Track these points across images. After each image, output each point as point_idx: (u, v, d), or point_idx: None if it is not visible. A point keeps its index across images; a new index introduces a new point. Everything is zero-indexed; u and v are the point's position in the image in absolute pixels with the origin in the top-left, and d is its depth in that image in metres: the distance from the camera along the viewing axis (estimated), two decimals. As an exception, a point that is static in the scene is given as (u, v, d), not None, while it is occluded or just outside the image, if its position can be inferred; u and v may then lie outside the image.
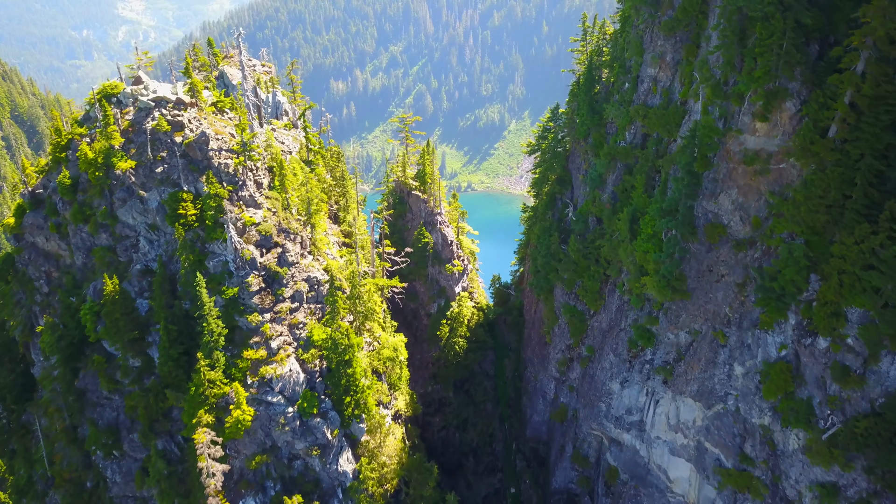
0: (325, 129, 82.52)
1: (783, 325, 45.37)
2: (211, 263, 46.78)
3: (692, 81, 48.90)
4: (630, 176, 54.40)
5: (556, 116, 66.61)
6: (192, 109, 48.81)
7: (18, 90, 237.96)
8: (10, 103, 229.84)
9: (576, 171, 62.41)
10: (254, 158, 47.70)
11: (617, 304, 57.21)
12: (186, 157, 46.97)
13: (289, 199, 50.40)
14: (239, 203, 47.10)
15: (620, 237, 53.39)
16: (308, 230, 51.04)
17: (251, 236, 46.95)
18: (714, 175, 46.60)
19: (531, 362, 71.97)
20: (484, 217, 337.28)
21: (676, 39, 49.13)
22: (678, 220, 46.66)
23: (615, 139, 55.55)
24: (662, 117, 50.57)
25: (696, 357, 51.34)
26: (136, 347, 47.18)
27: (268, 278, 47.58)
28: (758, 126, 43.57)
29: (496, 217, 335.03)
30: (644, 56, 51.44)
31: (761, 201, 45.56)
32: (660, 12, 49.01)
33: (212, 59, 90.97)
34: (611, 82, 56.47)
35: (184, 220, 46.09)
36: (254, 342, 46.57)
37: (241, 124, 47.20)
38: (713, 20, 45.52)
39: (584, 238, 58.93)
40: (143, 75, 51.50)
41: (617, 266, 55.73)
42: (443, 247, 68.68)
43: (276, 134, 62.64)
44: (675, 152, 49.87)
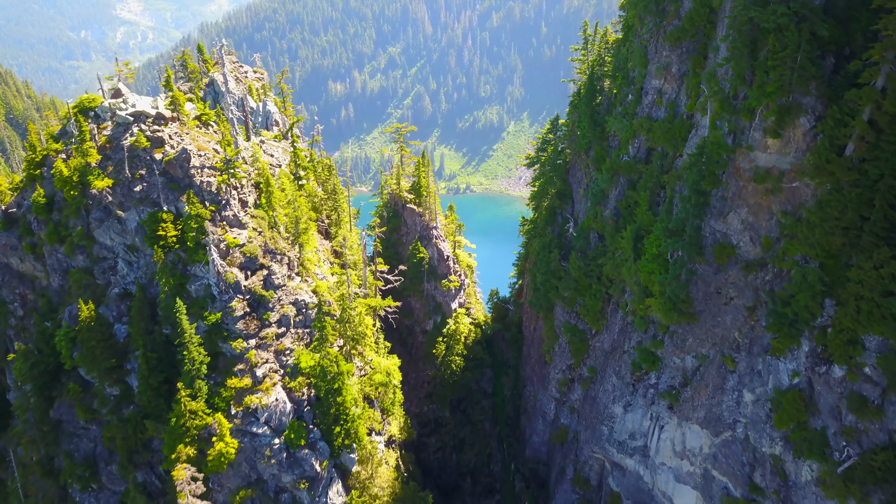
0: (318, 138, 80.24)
1: (796, 352, 43.08)
2: (193, 287, 44.39)
3: (699, 94, 46.55)
4: (633, 192, 52.04)
5: (556, 128, 64.17)
6: (173, 124, 46.40)
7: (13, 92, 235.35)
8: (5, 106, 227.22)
9: (576, 184, 60.02)
10: (238, 176, 45.27)
11: (620, 324, 54.84)
12: (167, 175, 44.59)
13: (276, 218, 48.00)
14: (222, 223, 44.70)
15: (623, 256, 51.04)
16: (296, 250, 48.64)
17: (235, 258, 44.55)
18: (722, 193, 44.26)
19: (530, 381, 69.60)
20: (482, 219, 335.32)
21: (682, 50, 46.78)
22: (685, 240, 44.31)
23: (618, 153, 53.20)
24: (668, 131, 48.22)
25: (703, 382, 49.00)
26: (114, 376, 44.79)
27: (253, 302, 45.19)
28: (769, 142, 41.27)
29: (495, 219, 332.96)
30: (648, 67, 49.09)
31: (772, 221, 43.26)
32: (665, 22, 46.65)
33: (202, 65, 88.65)
34: (613, 93, 54.10)
35: (163, 242, 43.70)
36: (238, 370, 44.15)
37: (223, 141, 44.78)
38: (722, 31, 43.19)
39: (586, 255, 56.57)
40: (124, 87, 49.09)
41: (620, 286, 53.38)
42: (438, 262, 66.31)
43: (266, 146, 60.27)
44: (681, 169, 47.54)
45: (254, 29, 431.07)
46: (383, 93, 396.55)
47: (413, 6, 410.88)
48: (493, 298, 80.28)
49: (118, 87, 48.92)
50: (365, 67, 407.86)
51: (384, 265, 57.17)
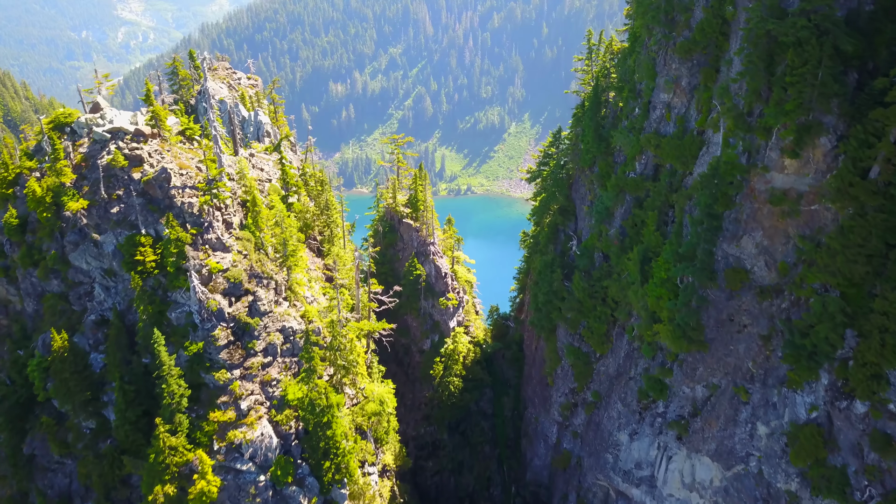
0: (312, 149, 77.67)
1: (814, 385, 40.48)
2: (173, 314, 41.84)
3: (710, 109, 43.89)
4: (640, 210, 49.37)
5: (558, 140, 61.41)
6: (153, 141, 43.82)
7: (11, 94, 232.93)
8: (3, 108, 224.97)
9: (580, 200, 57.30)
10: (221, 197, 42.68)
11: (626, 349, 52.20)
12: (145, 195, 42.02)
13: (263, 239, 45.43)
14: (204, 247, 42.12)
15: (630, 279, 48.39)
16: (284, 272, 46.05)
17: (218, 284, 41.96)
18: (736, 215, 41.60)
19: (531, 402, 66.94)
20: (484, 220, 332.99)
21: (693, 63, 44.10)
22: (696, 266, 41.64)
23: (624, 169, 50.53)
24: (677, 148, 45.55)
25: (714, 413, 46.36)
26: (90, 408, 42.26)
27: (237, 330, 42.61)
28: (787, 163, 38.65)
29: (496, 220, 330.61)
30: (657, 80, 46.41)
31: (789, 245, 40.62)
32: (675, 33, 43.96)
33: (193, 72, 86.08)
34: (619, 106, 51.39)
35: (142, 268, 41.14)
36: (221, 402, 41.56)
37: (206, 159, 42.18)
38: (735, 43, 40.52)
39: (590, 275, 53.89)
40: (102, 101, 46.54)
41: (626, 309, 50.73)
42: (436, 279, 63.68)
43: (255, 159, 57.70)
44: (691, 188, 44.87)
45: (254, 29, 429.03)
46: (384, 94, 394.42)
47: (414, 7, 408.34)
48: (493, 315, 77.57)
49: (97, 101, 46.36)
50: (366, 68, 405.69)
51: (378, 286, 54.55)
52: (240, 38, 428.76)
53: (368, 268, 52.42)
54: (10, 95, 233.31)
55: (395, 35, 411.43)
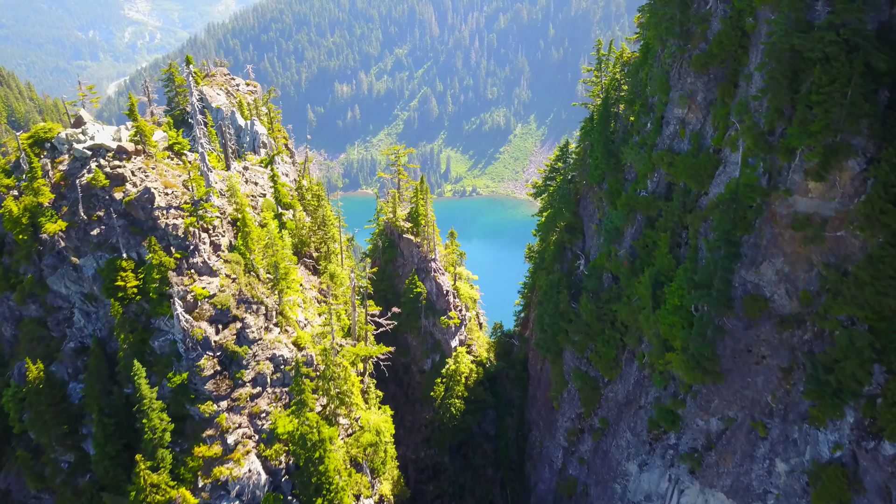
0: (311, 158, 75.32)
1: (839, 423, 37.82)
2: (157, 343, 39.49)
3: (728, 126, 41.29)
4: (652, 230, 46.78)
5: (565, 154, 58.77)
6: (137, 158, 41.47)
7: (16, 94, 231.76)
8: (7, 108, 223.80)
9: (588, 218, 54.70)
10: (207, 219, 40.29)
11: (636, 375, 49.61)
12: (127, 217, 39.67)
13: (253, 261, 43.04)
14: (189, 272, 39.75)
15: (641, 303, 45.80)
16: (275, 296, 43.65)
17: (204, 311, 39.59)
18: (755, 240, 38.96)
19: (536, 425, 64.37)
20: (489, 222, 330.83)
21: (709, 77, 41.45)
22: (712, 295, 39.02)
23: (634, 187, 47.93)
24: (692, 166, 42.94)
25: (729, 448, 43.74)
26: (68, 441, 39.94)
27: (224, 359, 40.23)
28: (811, 186, 36.01)
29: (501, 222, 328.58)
30: (670, 94, 43.79)
31: (812, 273, 37.97)
32: (690, 45, 41.33)
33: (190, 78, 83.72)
34: (630, 121, 48.79)
35: (123, 294, 38.79)
36: (207, 436, 39.18)
37: (190, 181, 39.78)
38: (756, 58, 37.88)
39: (598, 297, 51.31)
40: (86, 114, 44.24)
41: (636, 334, 48.14)
42: (437, 297, 61.19)
43: (249, 173, 55.37)
44: (707, 208, 42.27)
45: (260, 30, 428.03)
46: (390, 94, 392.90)
47: (420, 8, 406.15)
48: (496, 332, 74.98)
49: (80, 114, 44.07)
50: (371, 69, 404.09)
51: (375, 307, 52.11)
52: (246, 38, 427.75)
53: (365, 289, 49.96)
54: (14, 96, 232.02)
55: (400, 36, 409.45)
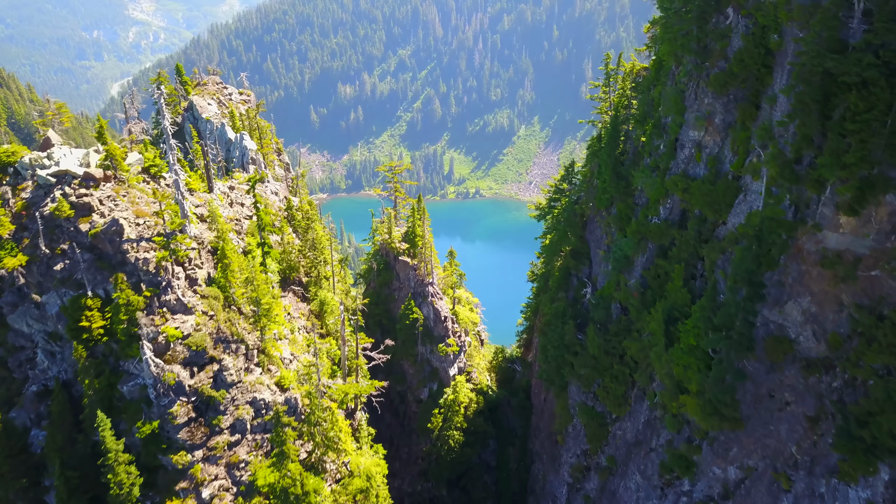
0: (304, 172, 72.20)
1: (872, 480, 34.31)
2: (126, 388, 36.25)
3: (749, 152, 37.85)
4: (664, 260, 43.35)
5: (571, 174, 55.29)
6: (106, 185, 38.22)
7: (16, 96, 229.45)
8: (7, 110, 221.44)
9: (595, 243, 51.27)
10: (181, 253, 37.05)
11: (646, 415, 46.18)
12: (94, 250, 36.44)
13: (234, 294, 39.79)
14: (161, 310, 36.50)
15: (653, 340, 42.40)
16: (257, 332, 40.40)
17: (177, 353, 36.35)
18: (780, 278, 35.50)
19: (539, 457, 60.97)
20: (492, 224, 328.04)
21: (729, 98, 38.00)
22: (732, 339, 35.60)
23: (645, 213, 44.49)
24: (709, 194, 39.51)
25: (749, 500, 40.21)
26: (30, 494, 36.76)
27: (200, 404, 36.98)
28: (843, 221, 32.50)
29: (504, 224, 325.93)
30: (686, 115, 40.34)
31: (843, 315, 34.44)
32: (708, 63, 37.87)
33: (180, 88, 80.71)
34: (641, 141, 45.37)
35: (88, 335, 35.57)
36: (180, 489, 35.92)
37: (161, 212, 36.50)
38: (782, 79, 34.46)
39: (606, 329, 47.89)
40: (54, 135, 41.01)
41: (647, 372, 44.73)
42: (435, 323, 57.83)
43: (236, 193, 52.11)
44: (725, 240, 38.86)
45: (263, 30, 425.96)
46: (393, 96, 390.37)
47: (423, 8, 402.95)
48: (497, 357, 71.57)
49: (48, 135, 40.84)
50: (375, 70, 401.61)
51: (368, 339, 48.78)
52: (249, 39, 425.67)
53: (356, 321, 46.66)
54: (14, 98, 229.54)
55: (404, 37, 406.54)
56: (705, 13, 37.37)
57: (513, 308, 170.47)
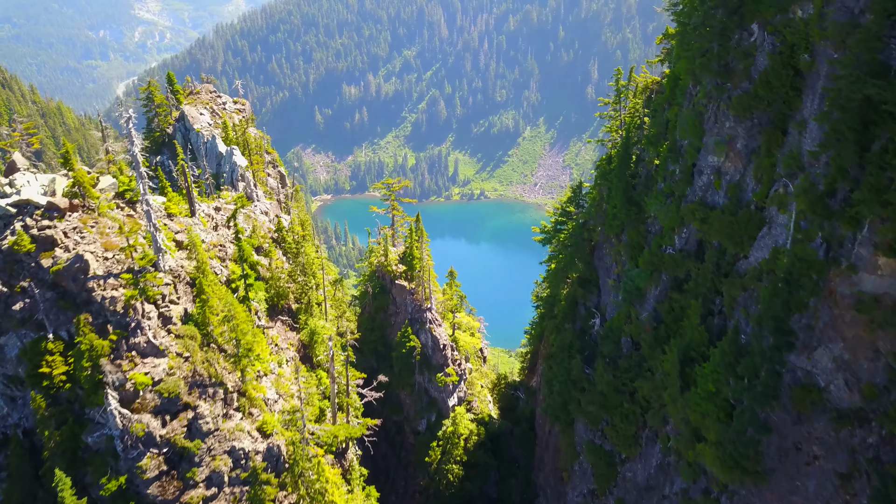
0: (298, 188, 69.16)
1: (911, 547, 31.04)
2: (91, 438, 33.19)
3: (774, 180, 34.54)
4: (679, 294, 40.01)
5: (578, 196, 51.94)
6: (73, 215, 35.18)
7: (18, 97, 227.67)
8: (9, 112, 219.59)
9: (604, 271, 47.96)
10: (151, 292, 33.94)
11: (659, 458, 42.87)
12: (56, 288, 33.41)
13: (213, 332, 36.69)
14: (130, 354, 33.42)
15: (667, 381, 39.11)
16: (238, 373, 37.32)
17: (147, 402, 33.28)
18: (809, 321, 32.11)
19: (543, 491, 57.68)
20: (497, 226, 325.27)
21: (753, 122, 34.61)
22: (756, 390, 32.28)
23: (659, 241, 41.16)
24: (729, 225, 36.15)
25: (773, 558, 37.02)
26: (-13, 554, 33.80)
27: (173, 456, 33.91)
28: (881, 262, 29.05)
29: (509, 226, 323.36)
30: (704, 139, 37.01)
31: (879, 364, 31.00)
32: (730, 84, 34.50)
33: (171, 97, 77.68)
34: (654, 164, 42.03)
35: (48, 382, 32.54)
36: (150, 549, 32.94)
37: (129, 248, 33.38)
38: (813, 103, 31.10)
39: (616, 365, 44.62)
40: (20, 158, 37.95)
41: (660, 413, 41.40)
42: (433, 351, 54.64)
43: (221, 215, 49.06)
44: (747, 276, 35.52)
45: (268, 31, 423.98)
46: (398, 96, 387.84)
47: (429, 9, 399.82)
48: (500, 384, 68.29)
49: (13, 159, 37.78)
50: (380, 71, 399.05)
51: (360, 374, 45.63)
52: (254, 39, 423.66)
53: (347, 357, 43.48)
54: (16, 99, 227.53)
55: (409, 37, 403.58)
56: (727, 29, 34.01)
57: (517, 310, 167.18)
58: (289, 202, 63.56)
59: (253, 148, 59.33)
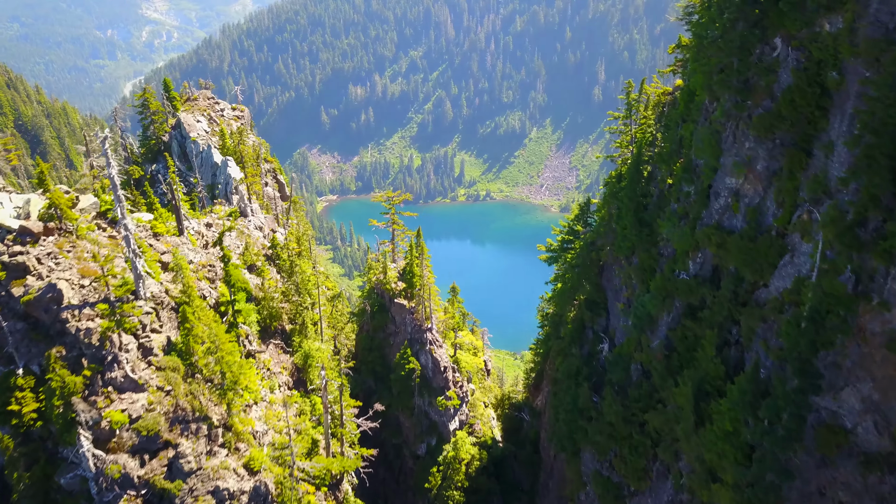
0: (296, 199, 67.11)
1: None
2: (64, 480, 31.09)
3: (796, 204, 32.16)
4: (693, 322, 37.63)
5: (586, 213, 49.55)
6: (47, 239, 33.13)
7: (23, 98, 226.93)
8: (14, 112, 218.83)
9: (612, 293, 45.60)
10: (127, 325, 31.84)
11: (670, 494, 40.48)
12: (28, 319, 31.35)
13: (197, 362, 34.56)
14: (106, 390, 31.32)
15: (680, 416, 36.78)
16: (224, 406, 35.19)
17: (123, 441, 31.18)
18: (835, 359, 29.70)
19: (548, 518, 55.45)
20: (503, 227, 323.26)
21: (775, 143, 32.21)
22: (778, 434, 29.92)
23: (672, 266, 38.79)
24: (748, 251, 33.75)
25: None
26: None
27: (152, 498, 31.79)
28: (918, 299, 26.84)
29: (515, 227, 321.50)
30: (722, 160, 34.61)
31: (913, 407, 28.80)
32: (750, 101, 32.09)
33: (167, 104, 75.77)
34: (667, 183, 39.65)
35: (18, 420, 30.47)
36: None
37: (104, 277, 31.27)
38: (842, 125, 28.68)
39: (625, 393, 42.28)
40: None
41: (672, 448, 39.05)
42: (434, 374, 52.41)
43: (212, 232, 46.97)
44: (768, 307, 33.14)
45: (275, 31, 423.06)
46: (404, 97, 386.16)
47: (436, 9, 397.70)
48: (504, 404, 65.99)
49: (-11, 178, 35.74)
50: (386, 71, 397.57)
51: (355, 402, 43.42)
52: (260, 39, 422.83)
53: (341, 384, 41.29)
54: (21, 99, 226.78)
55: (415, 38, 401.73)
56: (748, 43, 31.60)
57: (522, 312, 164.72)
58: (287, 215, 61.45)
59: (248, 160, 57.18)
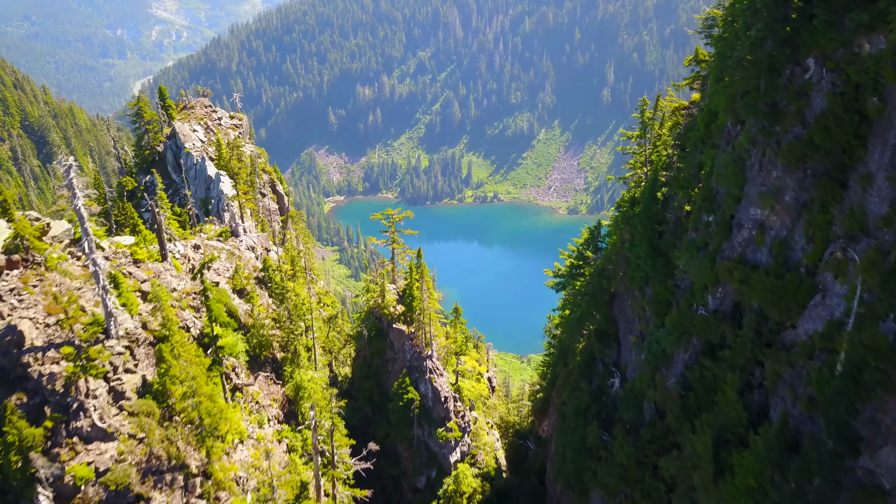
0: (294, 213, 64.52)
1: None
2: (25, 538, 28.60)
3: (829, 240, 29.22)
4: (712, 362, 34.66)
5: (596, 238, 46.59)
6: (11, 273, 30.60)
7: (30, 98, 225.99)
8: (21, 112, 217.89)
9: (625, 324, 42.68)
10: (94, 371, 29.26)
11: (685, 544, 37.62)
12: (-13, 363, 28.80)
13: (174, 405, 31.95)
14: (70, 441, 28.76)
15: (699, 463, 33.86)
16: (204, 451, 32.57)
17: (89, 497, 28.57)
18: (873, 414, 26.84)
19: (554, 555, 52.58)
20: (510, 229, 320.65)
21: (805, 173, 29.21)
22: (809, 500, 26.97)
23: (689, 300, 35.83)
24: (774, 289, 30.74)
25: None
26: None
27: (121, 557, 29.21)
28: (969, 354, 23.87)
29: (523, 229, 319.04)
30: (746, 189, 31.62)
31: (960, 470, 25.81)
32: (779, 127, 29.10)
33: (162, 113, 73.40)
34: (685, 211, 36.70)
35: (-27, 476, 27.94)
36: None
37: (67, 320, 28.69)
38: (883, 155, 25.67)
39: (637, 434, 39.36)
40: (-37, 204, 33.38)
41: (688, 497, 36.08)
42: (434, 404, 49.66)
43: (199, 254, 44.36)
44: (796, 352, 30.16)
45: (283, 31, 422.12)
46: (412, 98, 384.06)
47: (444, 10, 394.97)
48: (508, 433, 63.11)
49: (-45, 204, 33.23)
50: (394, 72, 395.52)
51: (349, 440, 40.71)
52: (269, 39, 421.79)
53: (333, 425, 38.63)
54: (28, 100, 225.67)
55: (424, 38, 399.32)
56: (777, 63, 28.62)
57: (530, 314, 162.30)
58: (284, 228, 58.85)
59: (243, 174, 54.57)
